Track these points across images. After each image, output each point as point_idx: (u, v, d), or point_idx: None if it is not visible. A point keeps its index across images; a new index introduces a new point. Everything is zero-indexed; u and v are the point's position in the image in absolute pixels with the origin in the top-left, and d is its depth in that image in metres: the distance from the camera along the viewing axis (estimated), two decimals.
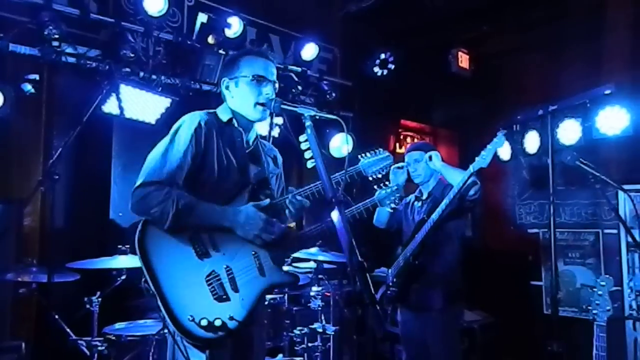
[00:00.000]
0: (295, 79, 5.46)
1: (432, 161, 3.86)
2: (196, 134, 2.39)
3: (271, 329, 4.42)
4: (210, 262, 2.34)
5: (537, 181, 5.69)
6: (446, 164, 3.85)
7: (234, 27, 4.86)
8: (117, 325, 3.78)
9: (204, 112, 2.51)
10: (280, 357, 4.41)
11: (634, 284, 4.79)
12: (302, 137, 2.49)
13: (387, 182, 3.19)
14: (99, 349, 3.54)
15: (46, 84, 4.26)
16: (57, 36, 3.93)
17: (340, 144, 5.74)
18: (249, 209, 2.41)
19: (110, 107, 4.22)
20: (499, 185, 6.11)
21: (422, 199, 4.01)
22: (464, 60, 6.49)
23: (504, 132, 3.65)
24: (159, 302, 2.20)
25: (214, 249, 2.37)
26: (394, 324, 4.13)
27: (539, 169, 5.40)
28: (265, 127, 4.80)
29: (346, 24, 6.14)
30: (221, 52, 4.77)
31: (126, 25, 4.41)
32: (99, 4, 4.35)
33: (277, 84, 2.55)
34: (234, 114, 2.55)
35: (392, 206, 3.19)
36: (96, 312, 3.65)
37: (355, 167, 2.63)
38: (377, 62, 5.97)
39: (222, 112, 2.57)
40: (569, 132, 5.08)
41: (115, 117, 4.30)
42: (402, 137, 7.22)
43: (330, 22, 6.13)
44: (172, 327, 2.20)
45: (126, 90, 4.28)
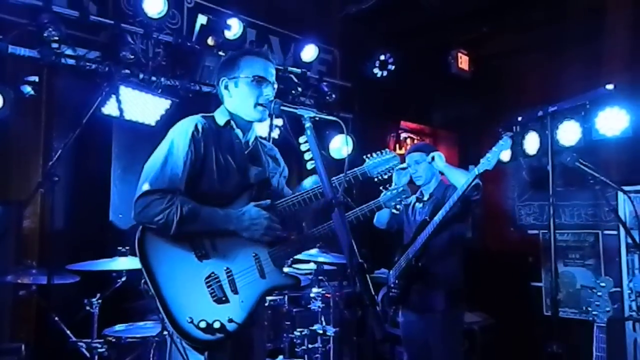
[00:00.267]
0: (295, 80, 5.46)
1: (434, 162, 3.85)
2: (194, 138, 2.37)
3: (271, 331, 4.41)
4: (210, 264, 2.34)
5: (537, 182, 5.69)
6: (449, 165, 3.84)
7: (234, 28, 4.86)
8: (117, 327, 3.77)
9: (200, 116, 2.48)
10: (280, 358, 4.40)
11: (634, 285, 4.79)
12: (302, 139, 2.48)
13: (392, 183, 3.17)
14: (99, 350, 3.54)
15: (46, 85, 4.26)
16: (56, 38, 3.93)
17: (340, 145, 5.74)
18: (252, 209, 2.40)
19: (110, 108, 4.22)
20: (499, 186, 6.10)
21: (423, 200, 4.00)
22: (463, 61, 6.50)
23: (510, 134, 3.64)
24: (158, 303, 2.20)
25: (213, 251, 2.36)
26: (395, 325, 4.12)
27: (538, 170, 5.40)
28: (265, 129, 4.82)
29: (346, 25, 6.13)
30: (221, 53, 4.77)
31: (126, 27, 4.41)
32: (98, 6, 4.35)
33: (276, 85, 2.54)
34: (232, 115, 2.54)
35: (398, 207, 3.17)
36: (96, 314, 3.65)
37: (360, 168, 2.60)
38: (377, 63, 5.96)
39: (219, 116, 2.55)
40: (569, 133, 5.08)
41: (115, 118, 4.30)
42: (401, 138, 7.22)
43: (330, 24, 6.12)
44: (171, 328, 2.20)
45: (126, 91, 4.28)
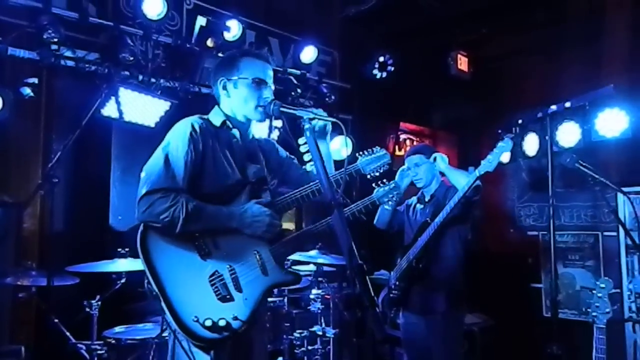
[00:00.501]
0: (294, 81, 5.46)
1: (436, 162, 3.84)
2: (192, 138, 2.38)
3: (271, 332, 4.41)
4: (213, 262, 2.35)
5: (536, 184, 5.69)
6: (450, 166, 3.83)
7: (233, 30, 4.86)
8: (117, 328, 3.77)
9: (197, 117, 2.49)
10: None
11: (634, 286, 4.79)
12: (301, 140, 2.48)
13: (385, 180, 3.22)
14: (99, 352, 3.54)
15: (45, 87, 4.26)
16: (56, 40, 3.93)
17: (339, 147, 5.73)
18: (253, 207, 2.43)
19: (109, 110, 4.22)
20: (498, 187, 6.11)
21: (424, 201, 3.99)
22: (463, 62, 6.50)
23: (511, 136, 3.65)
24: (163, 303, 2.20)
25: (216, 249, 2.37)
26: (394, 326, 4.12)
27: (538, 172, 5.40)
28: (264, 130, 4.82)
29: (345, 27, 6.14)
30: (220, 55, 4.77)
31: (125, 28, 4.41)
32: (97, 8, 4.35)
33: (273, 87, 2.56)
34: (228, 116, 2.55)
35: (390, 204, 3.20)
36: (96, 316, 3.64)
37: (354, 166, 2.68)
38: (376, 64, 5.97)
39: (215, 117, 2.55)
40: (568, 134, 5.07)
41: (114, 120, 4.30)
42: (401, 139, 7.22)
43: (329, 25, 6.13)
44: (177, 328, 2.20)
45: (125, 93, 4.28)
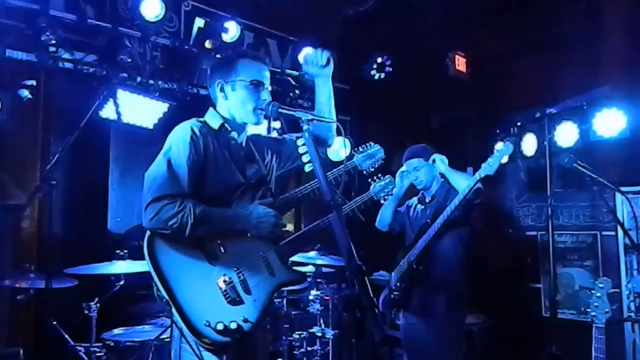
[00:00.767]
0: (292, 82, 5.47)
1: (436, 164, 3.84)
2: (193, 142, 2.37)
3: (270, 333, 4.41)
4: (220, 265, 2.35)
5: (535, 184, 5.68)
6: (450, 168, 3.81)
7: (231, 31, 4.87)
8: (116, 331, 3.76)
9: (195, 120, 2.48)
10: None
11: (632, 285, 4.79)
12: (299, 141, 2.49)
13: (380, 175, 3.26)
14: (98, 355, 3.53)
15: (43, 89, 4.26)
16: (54, 42, 3.94)
17: (338, 148, 5.74)
18: (258, 208, 2.44)
19: (107, 112, 4.23)
20: (497, 188, 6.10)
21: (425, 202, 3.98)
22: (461, 63, 6.48)
23: (512, 139, 3.66)
24: (174, 309, 2.20)
25: (223, 252, 2.38)
26: (394, 327, 4.11)
27: (536, 172, 5.39)
28: (263, 131, 4.82)
29: (343, 28, 6.13)
30: (218, 56, 4.77)
31: (123, 30, 4.42)
32: (95, 10, 4.35)
33: (270, 88, 2.56)
34: (225, 119, 2.54)
35: (387, 198, 3.25)
36: (94, 318, 3.63)
37: (351, 162, 2.75)
38: (375, 65, 5.97)
39: (212, 120, 2.54)
40: (566, 134, 5.07)
41: (112, 122, 4.31)
42: (399, 140, 7.21)
43: (327, 26, 6.12)
44: (189, 333, 2.20)
45: (123, 95, 4.28)
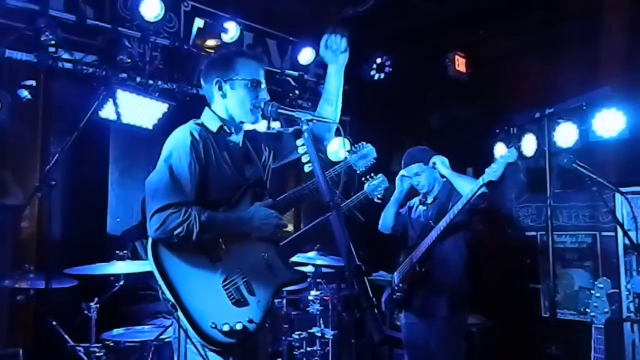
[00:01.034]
0: (292, 83, 5.47)
1: (437, 168, 3.81)
2: (193, 146, 2.36)
3: (270, 334, 4.41)
4: (224, 267, 2.36)
5: (534, 184, 5.68)
6: (453, 171, 3.78)
7: (231, 31, 4.87)
8: (115, 331, 3.77)
9: (193, 123, 2.47)
10: None
11: (632, 286, 4.79)
12: (299, 142, 2.49)
13: (372, 174, 3.28)
14: (97, 355, 3.53)
15: (43, 89, 4.26)
16: (53, 42, 3.93)
17: (337, 148, 5.74)
18: (260, 210, 2.44)
19: (107, 112, 4.22)
20: (496, 188, 6.10)
21: (427, 203, 3.97)
22: (460, 63, 6.48)
23: (517, 145, 3.66)
24: (180, 312, 2.21)
25: (225, 254, 2.38)
26: (394, 328, 4.11)
27: (536, 172, 5.39)
28: (261, 130, 4.82)
29: (343, 28, 6.13)
30: (213, 54, 4.76)
31: (123, 30, 4.42)
32: (95, 10, 4.35)
33: (265, 87, 2.56)
34: (223, 120, 2.52)
35: (380, 197, 3.29)
36: (94, 318, 3.63)
37: (345, 162, 2.78)
38: (374, 66, 5.97)
39: (210, 121, 2.52)
40: (566, 134, 5.07)
41: (112, 122, 4.30)
42: (398, 140, 7.21)
43: (327, 26, 6.11)
44: (195, 335, 2.20)
45: (123, 95, 4.28)
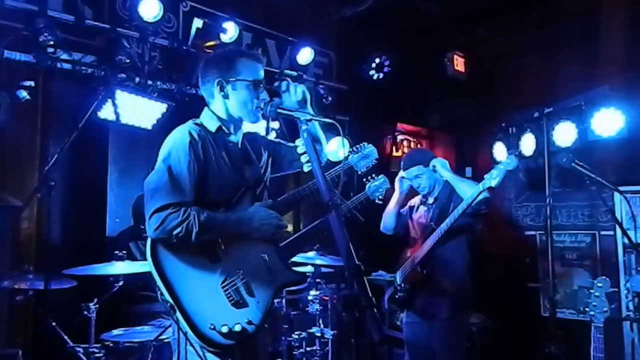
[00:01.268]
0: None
1: (437, 171, 3.79)
2: (192, 146, 2.34)
3: (269, 334, 4.40)
4: (223, 268, 2.35)
5: (533, 183, 5.69)
6: (454, 174, 3.77)
7: (230, 32, 4.86)
8: (115, 331, 3.75)
9: (192, 124, 2.46)
10: None
11: (631, 285, 4.80)
12: (298, 141, 2.50)
13: (374, 175, 3.28)
14: (97, 355, 3.52)
15: (42, 90, 4.25)
16: (52, 42, 3.92)
17: (336, 148, 5.73)
18: (260, 210, 2.44)
19: (106, 113, 4.22)
20: (495, 188, 6.10)
21: (428, 203, 3.95)
22: (459, 63, 6.50)
23: (517, 152, 3.66)
24: (179, 314, 2.20)
25: (225, 255, 2.37)
26: (393, 327, 4.12)
27: (535, 171, 5.40)
28: (261, 131, 4.82)
29: (342, 28, 6.14)
30: (211, 53, 4.76)
31: (121, 31, 4.41)
32: (94, 10, 4.34)
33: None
34: (221, 120, 2.51)
35: (381, 198, 3.29)
36: (93, 319, 3.62)
37: (347, 163, 2.80)
38: (373, 65, 5.97)
39: (209, 121, 2.50)
40: (565, 134, 5.08)
41: (111, 123, 4.30)
42: (398, 140, 7.22)
43: (325, 26, 6.12)
44: (194, 337, 2.20)
45: (122, 96, 4.27)
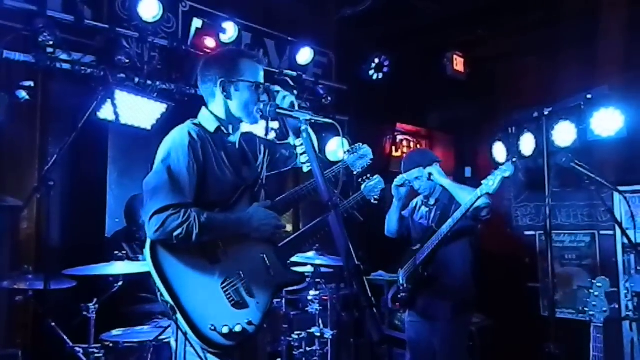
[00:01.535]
0: (290, 83, 5.47)
1: (433, 178, 3.77)
2: (191, 147, 2.33)
3: (269, 334, 4.40)
4: (222, 269, 2.34)
5: (533, 183, 5.70)
6: (451, 181, 3.76)
7: (229, 32, 4.87)
8: (114, 331, 3.75)
9: (190, 124, 2.45)
10: None
11: (631, 284, 4.80)
12: (298, 141, 2.49)
13: (369, 175, 3.29)
14: (96, 356, 3.52)
15: (41, 90, 4.25)
16: (51, 42, 3.92)
17: (336, 148, 5.74)
18: (259, 211, 2.44)
19: (105, 113, 4.22)
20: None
21: (429, 204, 3.95)
22: (459, 63, 6.50)
23: (514, 159, 3.66)
24: (179, 314, 2.19)
25: (224, 255, 2.36)
26: (393, 327, 4.12)
27: (534, 171, 5.41)
28: (261, 131, 4.82)
29: (341, 28, 6.15)
30: (211, 52, 4.76)
31: (121, 31, 4.41)
32: (93, 10, 4.34)
33: None
34: (220, 120, 2.50)
35: (377, 198, 3.30)
36: (93, 319, 3.62)
37: (343, 163, 2.80)
38: (373, 65, 5.97)
39: (207, 122, 2.49)
40: (564, 134, 5.08)
41: (110, 123, 4.30)
42: (398, 140, 7.23)
43: (325, 27, 6.13)
44: (194, 337, 2.20)
45: (121, 96, 4.27)
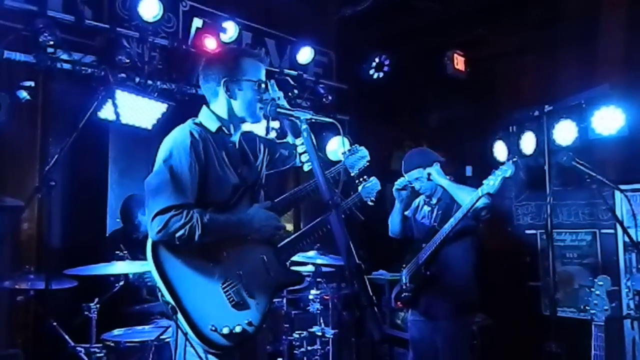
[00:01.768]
0: (291, 82, 5.47)
1: (432, 178, 3.76)
2: (193, 147, 2.31)
3: (270, 333, 4.41)
4: (223, 270, 2.34)
5: (534, 182, 5.68)
6: (451, 181, 3.74)
7: (230, 31, 4.87)
8: (116, 331, 3.75)
9: (192, 123, 2.43)
10: None
11: (632, 283, 4.79)
12: (298, 141, 2.49)
13: (365, 176, 3.30)
14: (98, 355, 3.53)
15: (42, 90, 4.26)
16: (52, 43, 3.93)
17: (336, 147, 5.74)
18: (260, 212, 2.44)
19: (106, 113, 4.22)
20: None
21: (431, 203, 3.94)
22: (459, 62, 6.48)
23: (515, 159, 3.65)
24: (180, 315, 2.19)
25: (225, 256, 2.37)
26: (393, 326, 4.11)
27: (535, 170, 5.40)
28: (261, 131, 4.83)
29: (341, 28, 6.15)
30: (213, 52, 4.76)
31: (121, 31, 4.42)
32: (93, 10, 4.35)
33: None
34: (222, 120, 2.48)
35: (373, 200, 3.31)
36: (94, 319, 3.63)
37: (341, 164, 2.81)
38: (373, 65, 5.97)
39: (209, 122, 2.47)
40: (565, 132, 5.08)
41: (111, 122, 4.30)
42: (398, 139, 7.21)
43: (325, 26, 6.13)
44: (195, 338, 2.19)
45: (122, 96, 4.27)
